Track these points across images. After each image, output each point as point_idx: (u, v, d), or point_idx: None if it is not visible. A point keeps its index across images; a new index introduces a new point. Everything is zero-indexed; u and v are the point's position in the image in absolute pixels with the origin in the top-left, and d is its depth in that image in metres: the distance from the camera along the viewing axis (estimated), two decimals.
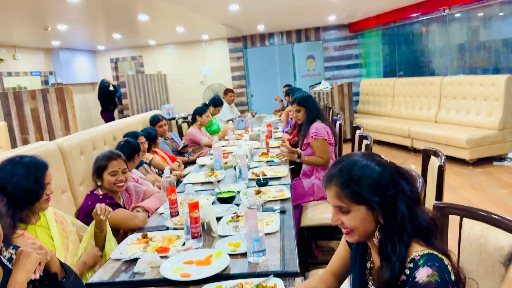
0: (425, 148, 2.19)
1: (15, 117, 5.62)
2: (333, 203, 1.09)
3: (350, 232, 1.09)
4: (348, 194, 1.05)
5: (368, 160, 1.08)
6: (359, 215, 1.05)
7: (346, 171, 1.07)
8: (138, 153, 2.83)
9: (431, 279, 0.95)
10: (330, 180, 1.10)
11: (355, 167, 1.07)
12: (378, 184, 1.04)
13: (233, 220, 1.91)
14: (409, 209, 1.04)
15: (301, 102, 3.14)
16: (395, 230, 1.02)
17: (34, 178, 1.56)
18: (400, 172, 1.09)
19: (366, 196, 1.03)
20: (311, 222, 2.72)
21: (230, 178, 2.82)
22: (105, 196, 2.02)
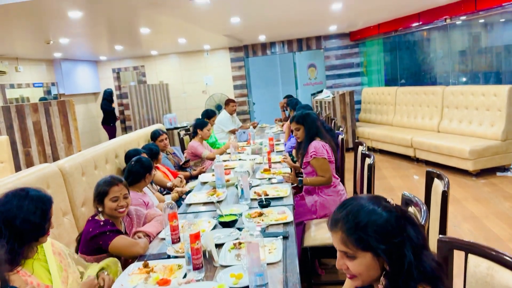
0: (428, 170, 2.16)
1: (17, 130, 5.63)
2: (339, 248, 1.08)
3: (354, 277, 1.08)
4: (354, 241, 1.03)
5: (374, 205, 1.06)
6: (364, 262, 1.04)
7: (352, 217, 1.05)
8: (150, 172, 2.82)
9: None
10: (335, 224, 1.08)
11: (362, 213, 1.05)
12: (384, 231, 1.02)
13: (235, 248, 1.89)
14: (416, 255, 1.02)
15: (300, 120, 3.11)
16: (401, 278, 1.01)
17: (41, 213, 1.56)
18: (406, 216, 1.08)
19: (372, 244, 1.02)
20: (314, 242, 2.70)
21: (232, 198, 2.81)
22: (106, 223, 2.01)
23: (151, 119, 8.20)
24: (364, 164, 2.85)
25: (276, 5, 4.77)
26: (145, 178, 2.78)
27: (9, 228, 1.52)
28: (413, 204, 1.75)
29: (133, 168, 2.75)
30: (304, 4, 4.89)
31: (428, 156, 5.89)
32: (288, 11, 5.25)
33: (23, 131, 5.67)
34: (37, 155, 5.73)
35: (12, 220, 1.51)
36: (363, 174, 2.87)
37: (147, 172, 2.77)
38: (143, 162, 2.76)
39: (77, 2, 3.62)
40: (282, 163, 3.67)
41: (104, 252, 1.98)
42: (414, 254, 1.02)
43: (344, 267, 1.08)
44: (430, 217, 2.06)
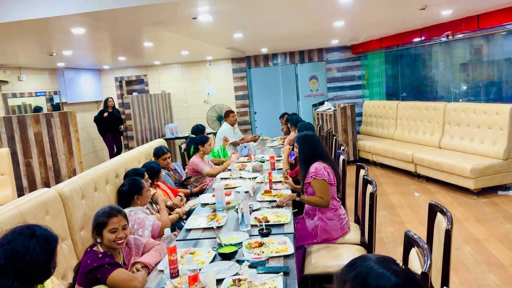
0: (431, 203, 2.14)
1: (18, 140, 5.63)
2: None
3: None
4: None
5: (384, 269, 1.04)
6: None
7: (361, 280, 1.02)
8: (139, 193, 2.84)
9: None
10: (343, 284, 1.05)
11: (371, 276, 1.02)
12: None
13: (235, 285, 1.87)
14: None
15: (296, 140, 3.22)
16: None
17: (47, 254, 1.52)
18: (414, 281, 1.05)
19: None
20: (315, 270, 2.68)
21: (232, 223, 2.79)
22: (105, 255, 1.99)
23: (152, 128, 8.20)
24: (366, 190, 2.83)
25: (278, 22, 4.78)
26: (134, 199, 2.79)
27: (14, 268, 1.49)
28: (416, 245, 1.73)
29: (120, 191, 2.81)
30: (307, 22, 4.90)
31: (428, 173, 5.87)
32: (290, 28, 5.26)
33: (24, 142, 5.67)
34: (38, 166, 5.73)
35: (17, 260, 1.49)
36: (365, 199, 2.85)
37: (135, 193, 2.79)
38: (130, 185, 2.79)
39: (81, 20, 3.63)
40: (283, 183, 3.67)
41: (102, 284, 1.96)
42: None
43: None
44: (433, 253, 2.04)
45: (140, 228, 2.65)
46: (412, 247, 1.78)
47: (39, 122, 5.69)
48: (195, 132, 5.18)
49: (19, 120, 5.58)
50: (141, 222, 2.66)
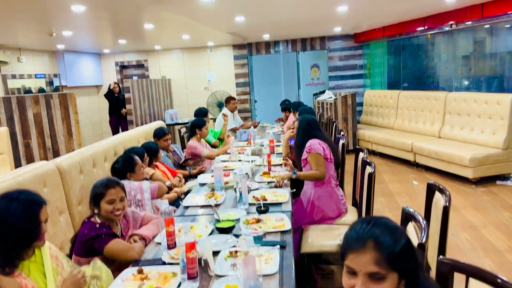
0: (430, 183, 2.14)
1: (17, 121, 5.61)
2: (366, 269, 0.98)
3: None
4: (388, 260, 0.97)
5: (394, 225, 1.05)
6: (393, 282, 0.98)
7: (383, 233, 0.99)
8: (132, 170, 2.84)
9: None
10: (363, 243, 0.99)
11: (388, 230, 1.00)
12: (409, 250, 1.00)
13: (231, 256, 1.87)
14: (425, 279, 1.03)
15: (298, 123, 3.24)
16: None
17: (28, 217, 1.51)
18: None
19: (403, 262, 0.98)
20: (312, 249, 2.68)
21: (230, 201, 2.79)
22: (102, 225, 1.99)
23: (152, 114, 8.17)
24: (364, 171, 2.83)
25: (281, 5, 4.73)
26: (127, 176, 2.78)
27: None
28: (414, 220, 1.73)
29: (113, 168, 2.80)
30: (310, 5, 4.85)
31: (428, 162, 5.87)
32: (293, 12, 5.21)
33: (23, 123, 5.65)
34: (37, 147, 5.72)
35: (2, 225, 1.49)
36: (363, 181, 2.84)
37: (128, 170, 2.77)
38: (123, 162, 2.78)
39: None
40: (283, 166, 3.66)
41: (99, 255, 1.96)
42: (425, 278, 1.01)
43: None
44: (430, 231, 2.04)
45: (138, 192, 2.65)
46: (409, 221, 1.77)
47: (39, 103, 5.66)
48: (198, 115, 5.16)
49: (18, 100, 5.54)
50: (137, 187, 2.66)
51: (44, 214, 1.58)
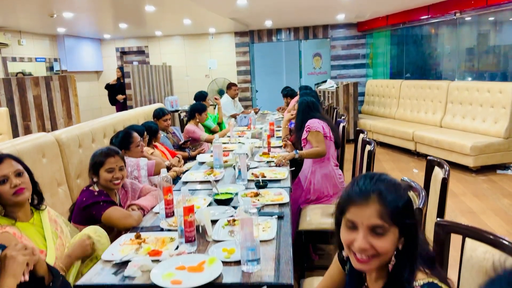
0: (429, 158, 2.13)
1: (17, 103, 5.59)
2: (369, 222, 0.97)
3: (370, 260, 0.98)
4: (391, 213, 0.96)
5: (396, 181, 1.04)
6: (393, 238, 0.97)
7: (387, 188, 0.98)
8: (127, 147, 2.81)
9: None
10: (366, 197, 0.98)
11: (392, 185, 1.00)
12: (410, 206, 1.00)
13: (229, 224, 1.87)
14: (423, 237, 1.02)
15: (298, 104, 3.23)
16: (412, 258, 0.98)
17: None
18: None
19: (404, 217, 0.97)
20: (310, 226, 2.68)
21: (229, 178, 2.78)
22: (101, 193, 1.99)
23: (152, 100, 8.15)
24: (364, 151, 2.82)
25: None
26: (129, 150, 2.76)
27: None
28: (412, 189, 1.72)
29: (112, 141, 2.78)
30: None
31: (428, 151, 5.85)
32: None
33: (23, 105, 5.62)
34: (36, 129, 5.70)
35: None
36: (363, 161, 2.84)
37: (122, 147, 2.74)
38: (121, 137, 2.75)
39: None
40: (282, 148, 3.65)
41: (97, 223, 1.96)
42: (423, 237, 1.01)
43: (368, 247, 0.97)
44: (429, 204, 2.04)
45: (135, 169, 2.64)
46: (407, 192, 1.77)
47: (39, 85, 5.64)
48: (198, 98, 5.14)
49: (18, 82, 5.52)
50: (134, 164, 2.65)
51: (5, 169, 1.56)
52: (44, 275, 1.20)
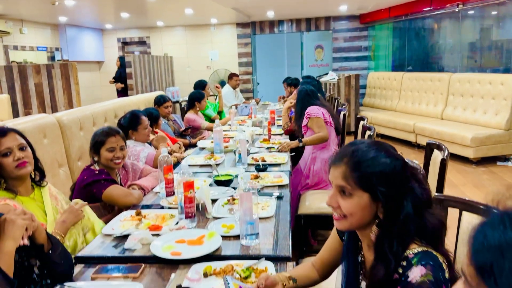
0: (429, 142, 2.14)
1: (19, 90, 5.59)
2: (336, 182, 1.02)
3: (342, 219, 1.03)
4: (357, 177, 0.99)
5: (383, 151, 1.03)
6: (360, 202, 0.99)
7: (361, 154, 1.01)
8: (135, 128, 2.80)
9: (425, 279, 0.90)
10: (340, 159, 1.03)
11: (371, 153, 1.01)
12: (389, 175, 0.99)
13: (229, 203, 1.88)
14: (417, 211, 0.98)
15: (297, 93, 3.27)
16: (395, 229, 0.97)
17: None
18: (413, 172, 1.05)
19: (374, 184, 0.98)
20: (309, 210, 2.69)
21: (229, 162, 2.80)
22: (101, 172, 2.00)
23: (153, 90, 8.15)
24: (364, 135, 2.83)
25: None
26: (129, 134, 2.75)
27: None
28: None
29: (120, 122, 2.78)
30: None
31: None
32: None
33: (24, 92, 5.63)
34: None
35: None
36: None
37: (130, 128, 2.74)
38: (128, 118, 2.75)
39: None
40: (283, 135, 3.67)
41: (97, 201, 1.97)
42: (415, 209, 0.98)
43: (335, 205, 1.03)
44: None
45: (135, 160, 2.64)
46: None
47: (40, 73, 5.64)
48: (197, 87, 5.14)
49: (20, 69, 5.52)
50: (136, 154, 2.65)
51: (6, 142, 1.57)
52: (43, 243, 1.22)
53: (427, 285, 0.89)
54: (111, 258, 1.42)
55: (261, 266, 1.32)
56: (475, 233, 0.51)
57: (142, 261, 1.38)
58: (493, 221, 0.49)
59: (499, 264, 0.46)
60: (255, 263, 1.33)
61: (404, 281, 0.92)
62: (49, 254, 1.22)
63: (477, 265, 0.49)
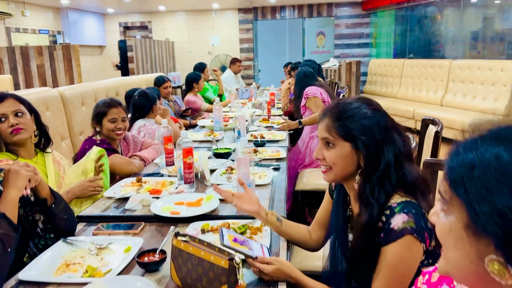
0: (424, 118, 2.18)
1: (21, 72, 5.62)
2: (321, 135, 1.09)
3: (328, 170, 1.09)
4: (338, 128, 1.05)
5: (365, 104, 1.08)
6: (342, 152, 1.05)
7: (342, 107, 1.08)
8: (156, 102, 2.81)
9: (406, 226, 0.94)
10: (324, 114, 1.10)
11: (351, 105, 1.07)
12: (369, 125, 1.03)
13: (227, 172, 1.93)
14: (398, 161, 1.02)
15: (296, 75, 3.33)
16: (375, 175, 1.01)
17: None
18: (394, 124, 1.09)
19: (354, 133, 1.03)
20: (306, 187, 2.75)
21: (229, 139, 2.84)
22: (103, 142, 2.05)
23: None
24: None
25: None
26: (152, 110, 2.77)
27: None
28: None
29: (138, 102, 2.76)
30: None
31: None
32: None
33: (27, 74, 5.66)
34: None
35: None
36: None
37: (153, 103, 2.76)
38: (147, 94, 2.75)
39: None
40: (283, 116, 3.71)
41: None
42: (395, 159, 1.02)
43: (321, 157, 1.09)
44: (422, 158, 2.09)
45: (150, 138, 2.66)
46: None
47: (42, 54, 5.66)
48: (197, 69, 5.17)
49: (22, 51, 5.54)
50: (152, 132, 2.67)
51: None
52: (46, 197, 1.27)
53: (408, 231, 0.93)
54: (112, 217, 1.48)
55: (256, 224, 1.37)
56: (450, 153, 0.55)
57: (142, 220, 1.43)
58: (467, 143, 0.54)
59: (469, 176, 0.50)
60: (250, 222, 1.38)
61: (387, 228, 0.97)
62: (52, 208, 1.27)
63: (451, 180, 0.53)
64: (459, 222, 0.51)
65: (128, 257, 1.15)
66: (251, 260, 1.06)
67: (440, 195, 0.57)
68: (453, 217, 0.52)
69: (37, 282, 1.05)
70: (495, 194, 0.47)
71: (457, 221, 0.52)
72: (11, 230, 1.08)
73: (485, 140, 0.52)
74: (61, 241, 1.27)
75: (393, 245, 0.95)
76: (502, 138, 0.51)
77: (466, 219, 0.50)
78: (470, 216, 0.49)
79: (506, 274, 0.47)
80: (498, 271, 0.48)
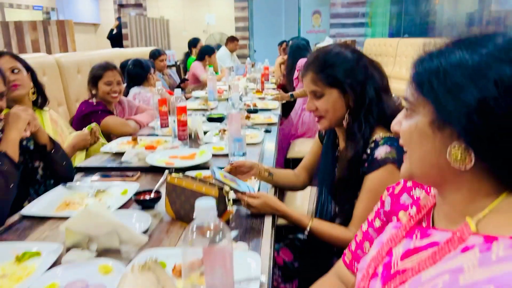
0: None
1: (15, 47, 5.59)
2: (309, 88, 1.15)
3: (322, 118, 1.16)
4: (323, 78, 1.11)
5: (342, 49, 1.15)
6: (331, 98, 1.12)
7: (322, 57, 1.14)
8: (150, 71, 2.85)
9: (389, 156, 1.03)
10: (306, 68, 1.16)
11: (330, 54, 1.14)
12: (350, 68, 1.10)
13: (219, 134, 2.00)
14: (377, 95, 1.11)
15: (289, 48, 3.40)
16: (362, 112, 1.10)
17: None
18: (371, 62, 1.16)
19: (339, 79, 1.10)
20: (298, 154, 2.83)
21: (223, 109, 2.90)
22: (99, 104, 2.10)
23: None
24: None
25: None
26: (147, 79, 2.81)
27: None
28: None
29: (133, 71, 2.80)
30: None
31: None
32: None
33: (21, 49, 5.63)
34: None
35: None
36: None
37: (148, 71, 2.80)
38: (141, 62, 2.79)
39: None
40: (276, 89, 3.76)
41: None
42: (376, 93, 1.11)
43: (313, 108, 1.15)
44: None
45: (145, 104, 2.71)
46: None
47: (36, 29, 5.63)
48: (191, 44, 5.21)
49: (16, 26, 5.51)
50: (147, 99, 2.72)
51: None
52: (45, 143, 1.33)
53: (390, 160, 1.02)
54: (109, 168, 1.55)
55: None
56: (416, 61, 0.58)
57: (138, 171, 1.50)
58: (433, 51, 0.58)
59: (437, 76, 0.53)
60: None
61: (370, 158, 1.06)
62: (51, 153, 1.34)
63: (418, 82, 0.56)
64: (424, 119, 0.55)
65: (126, 198, 1.23)
66: (240, 194, 1.13)
67: (405, 100, 0.62)
68: (418, 117, 0.56)
69: (39, 216, 1.13)
70: (460, 91, 0.50)
71: (423, 118, 0.55)
72: (13, 167, 1.15)
73: (449, 46, 0.56)
74: (61, 186, 1.34)
75: (375, 173, 1.04)
76: (466, 45, 0.54)
77: (432, 115, 0.54)
78: (436, 111, 0.53)
79: (467, 158, 0.51)
80: (459, 157, 0.52)
